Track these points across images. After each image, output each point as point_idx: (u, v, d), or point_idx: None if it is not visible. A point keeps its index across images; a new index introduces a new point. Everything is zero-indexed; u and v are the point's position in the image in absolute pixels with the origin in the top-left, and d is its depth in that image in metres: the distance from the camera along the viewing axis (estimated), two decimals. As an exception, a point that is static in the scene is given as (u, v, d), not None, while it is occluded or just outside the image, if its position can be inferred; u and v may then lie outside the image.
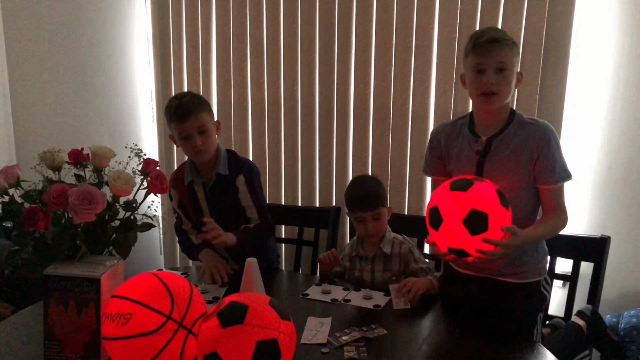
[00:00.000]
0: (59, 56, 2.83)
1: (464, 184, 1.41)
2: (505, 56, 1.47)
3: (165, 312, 1.10)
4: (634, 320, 1.87)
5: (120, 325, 1.09)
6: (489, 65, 1.47)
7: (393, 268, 1.83)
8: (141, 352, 1.10)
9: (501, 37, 1.48)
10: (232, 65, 2.66)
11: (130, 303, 1.12)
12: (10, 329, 1.47)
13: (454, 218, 1.37)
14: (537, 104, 2.14)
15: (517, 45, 1.54)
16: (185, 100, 1.75)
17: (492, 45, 1.47)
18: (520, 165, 1.51)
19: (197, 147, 1.76)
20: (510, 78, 1.48)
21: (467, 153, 1.58)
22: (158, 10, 2.77)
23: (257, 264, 1.46)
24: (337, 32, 2.44)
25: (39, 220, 1.27)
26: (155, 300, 1.11)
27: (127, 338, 1.09)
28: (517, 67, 1.53)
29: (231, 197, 1.89)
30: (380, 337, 1.39)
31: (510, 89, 1.50)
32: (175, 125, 1.77)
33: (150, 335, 1.09)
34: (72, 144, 1.52)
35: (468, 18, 2.20)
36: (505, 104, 1.53)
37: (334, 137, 2.53)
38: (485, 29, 1.55)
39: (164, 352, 1.10)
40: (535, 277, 1.59)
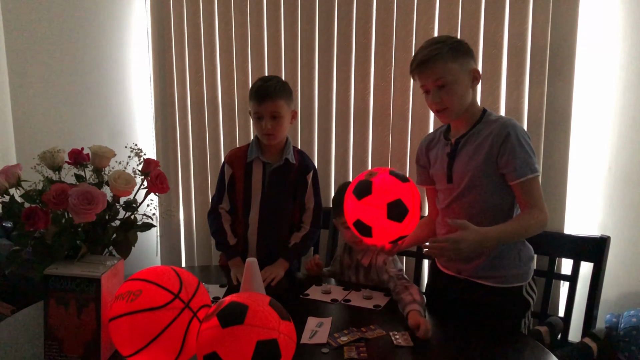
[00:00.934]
0: (59, 56, 2.83)
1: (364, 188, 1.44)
2: (439, 72, 1.45)
3: (174, 290, 1.15)
4: (634, 320, 1.87)
5: (129, 302, 1.13)
6: (430, 86, 1.49)
7: (373, 277, 1.81)
8: (147, 328, 1.12)
9: (430, 54, 1.45)
10: (235, 65, 2.66)
11: (141, 282, 1.16)
12: (10, 329, 1.47)
13: (378, 220, 1.42)
14: (545, 105, 2.14)
15: (459, 47, 1.48)
16: (268, 84, 1.83)
17: (423, 67, 1.47)
18: (482, 162, 1.49)
19: (266, 130, 1.82)
20: (454, 90, 1.46)
21: (441, 157, 1.60)
22: (158, 10, 2.77)
23: (257, 263, 1.46)
24: (337, 32, 2.44)
25: (39, 220, 1.27)
26: (165, 280, 1.16)
27: (134, 313, 1.12)
28: (466, 68, 1.48)
29: (290, 187, 1.92)
30: (379, 338, 1.39)
31: (459, 99, 1.48)
32: (252, 104, 1.84)
33: (158, 311, 1.12)
34: (72, 144, 1.52)
35: (468, 18, 2.20)
36: (469, 109, 1.52)
37: (333, 137, 2.53)
38: (419, 49, 1.51)
39: (169, 330, 1.12)
40: (515, 282, 1.55)
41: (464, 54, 1.49)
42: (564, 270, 1.90)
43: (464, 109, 1.51)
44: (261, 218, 1.92)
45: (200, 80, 2.74)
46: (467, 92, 1.50)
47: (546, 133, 2.16)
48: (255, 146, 1.92)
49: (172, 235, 2.94)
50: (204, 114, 2.77)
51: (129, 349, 1.14)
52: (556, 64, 2.11)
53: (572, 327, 1.87)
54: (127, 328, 1.14)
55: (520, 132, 1.48)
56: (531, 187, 1.46)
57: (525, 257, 1.58)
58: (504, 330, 1.46)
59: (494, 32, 2.17)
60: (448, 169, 1.56)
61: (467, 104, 1.51)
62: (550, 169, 2.18)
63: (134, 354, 1.14)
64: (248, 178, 1.92)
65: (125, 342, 1.15)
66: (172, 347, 1.14)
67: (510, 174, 1.46)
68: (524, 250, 1.58)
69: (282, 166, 1.90)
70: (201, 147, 2.80)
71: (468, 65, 1.49)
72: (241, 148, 1.99)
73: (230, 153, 1.99)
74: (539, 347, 1.37)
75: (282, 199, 1.93)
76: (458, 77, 1.46)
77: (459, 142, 1.54)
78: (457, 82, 1.46)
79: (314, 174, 1.96)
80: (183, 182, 2.88)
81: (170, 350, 1.14)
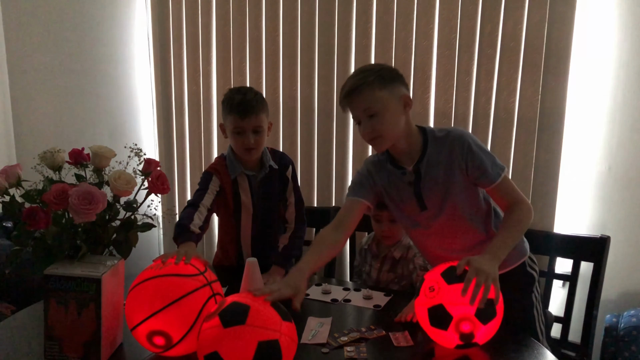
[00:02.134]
0: (59, 56, 2.83)
1: None
2: (367, 102, 1.40)
3: (201, 269, 1.29)
4: (634, 320, 1.87)
5: (159, 269, 1.26)
6: (360, 116, 1.43)
7: (398, 271, 1.88)
8: (171, 290, 1.20)
9: (357, 84, 1.41)
10: (232, 65, 2.66)
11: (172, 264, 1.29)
12: (10, 329, 1.47)
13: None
14: (539, 104, 2.15)
15: (386, 74, 1.42)
16: (248, 97, 1.76)
17: (351, 98, 1.43)
18: (455, 178, 1.46)
19: (249, 145, 1.76)
20: (385, 117, 1.40)
21: (401, 187, 1.52)
22: (158, 10, 2.77)
23: (257, 263, 1.46)
24: (337, 32, 2.44)
25: (39, 220, 1.27)
26: (193, 262, 1.31)
27: (163, 276, 1.24)
28: (395, 95, 1.42)
29: (278, 190, 1.91)
30: (379, 337, 1.39)
31: (391, 127, 1.42)
32: (233, 119, 1.76)
33: (184, 278, 1.24)
34: (72, 144, 1.53)
35: (468, 18, 2.20)
36: (407, 135, 1.46)
37: (333, 137, 2.53)
38: (346, 81, 1.46)
39: (190, 297, 1.20)
40: (516, 260, 1.54)
41: (392, 80, 1.43)
42: (564, 270, 1.90)
43: (397, 136, 1.46)
44: (254, 229, 1.90)
45: (200, 80, 2.74)
46: (400, 119, 1.44)
47: (539, 132, 2.17)
48: (233, 161, 1.84)
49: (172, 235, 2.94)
50: (201, 114, 2.77)
51: (147, 311, 1.20)
52: (551, 64, 2.11)
53: (572, 327, 1.87)
54: (152, 289, 1.22)
55: (473, 138, 1.46)
56: (506, 186, 1.46)
57: None
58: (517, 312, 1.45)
59: (490, 31, 2.17)
60: (417, 198, 1.50)
61: (400, 130, 1.45)
62: (542, 169, 2.19)
63: (152, 315, 1.19)
64: (236, 194, 1.87)
65: (145, 305, 1.20)
66: (188, 317, 1.20)
67: (484, 181, 1.44)
68: None
69: (267, 175, 1.87)
70: (200, 147, 2.80)
71: (398, 91, 1.43)
72: (219, 163, 1.88)
73: (214, 166, 1.89)
74: (539, 347, 1.37)
75: (273, 207, 1.91)
76: (388, 105, 1.41)
77: (419, 169, 1.48)
78: (388, 110, 1.41)
79: (292, 169, 1.93)
80: (183, 182, 2.87)
81: (185, 320, 1.19)
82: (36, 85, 2.84)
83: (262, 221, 1.90)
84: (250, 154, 1.80)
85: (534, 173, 2.20)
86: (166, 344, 1.22)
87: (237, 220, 1.90)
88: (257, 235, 1.92)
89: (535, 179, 2.21)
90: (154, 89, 2.87)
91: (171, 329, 1.20)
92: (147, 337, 1.22)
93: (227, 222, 1.94)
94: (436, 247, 1.57)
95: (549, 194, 2.19)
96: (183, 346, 1.23)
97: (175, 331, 1.20)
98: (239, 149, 1.80)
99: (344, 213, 1.57)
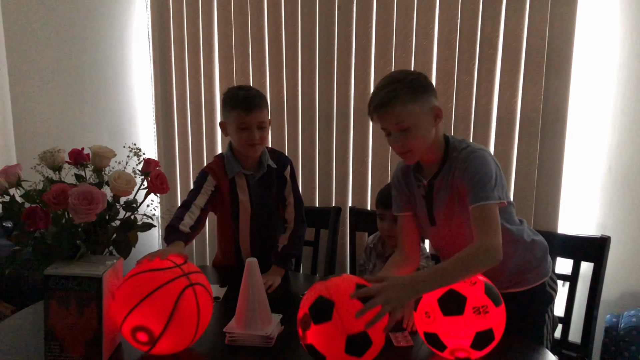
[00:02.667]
0: (59, 56, 2.83)
1: None
2: (398, 116, 1.35)
3: (178, 262, 1.33)
4: (634, 320, 1.87)
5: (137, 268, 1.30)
6: (392, 129, 1.39)
7: None
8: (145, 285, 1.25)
9: (388, 98, 1.35)
10: (234, 65, 2.66)
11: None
12: (10, 329, 1.47)
13: None
14: (542, 105, 2.14)
15: (416, 85, 1.38)
16: (252, 93, 1.78)
17: (382, 112, 1.38)
18: (457, 202, 1.42)
19: (254, 141, 1.77)
20: (417, 132, 1.37)
21: (418, 197, 1.51)
22: (158, 10, 2.77)
23: (257, 264, 1.46)
24: (337, 32, 2.44)
25: (39, 220, 1.27)
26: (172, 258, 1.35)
27: (138, 274, 1.28)
28: (426, 107, 1.38)
29: (276, 189, 1.91)
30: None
31: (422, 141, 1.39)
32: (238, 114, 1.75)
33: (157, 272, 1.28)
34: (72, 144, 1.52)
35: (468, 18, 2.20)
36: (434, 146, 1.43)
37: (334, 137, 2.53)
38: (375, 89, 1.41)
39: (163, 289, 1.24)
40: (537, 280, 1.53)
41: (423, 92, 1.39)
42: (564, 270, 1.90)
43: (426, 149, 1.42)
44: (253, 229, 1.90)
45: (199, 80, 2.74)
46: (430, 131, 1.40)
47: (542, 133, 2.16)
48: (231, 160, 1.84)
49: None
50: (201, 114, 2.77)
51: (126, 308, 1.24)
52: (553, 64, 2.11)
53: (572, 327, 1.87)
54: (129, 287, 1.27)
55: (484, 156, 1.38)
56: (482, 215, 1.33)
57: (539, 253, 1.53)
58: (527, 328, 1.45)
59: (491, 31, 2.17)
60: (428, 212, 1.50)
61: (429, 143, 1.41)
62: (544, 169, 2.18)
63: (130, 311, 1.23)
64: (234, 194, 1.87)
65: (124, 302, 1.25)
66: (164, 308, 1.22)
67: (468, 199, 1.36)
68: (537, 249, 1.53)
69: (265, 174, 1.87)
70: (200, 147, 2.80)
71: (429, 103, 1.39)
72: (216, 163, 1.88)
73: (210, 165, 1.89)
74: (540, 348, 1.37)
75: (271, 207, 1.92)
76: (419, 119, 1.37)
77: (432, 185, 1.46)
78: (419, 125, 1.37)
79: (291, 169, 1.93)
80: (183, 182, 2.87)
81: (161, 312, 1.22)
82: (36, 85, 2.84)
83: (261, 221, 1.90)
84: (255, 149, 1.80)
85: (537, 174, 2.19)
86: (149, 339, 1.23)
87: (235, 220, 1.90)
88: (255, 235, 1.91)
89: (538, 179, 2.19)
90: (153, 89, 2.87)
91: (149, 322, 1.23)
92: (131, 334, 1.25)
93: (225, 222, 1.93)
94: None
95: (552, 194, 2.18)
96: (167, 342, 1.24)
97: (154, 324, 1.22)
98: (243, 145, 1.79)
99: (399, 231, 1.59)
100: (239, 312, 1.39)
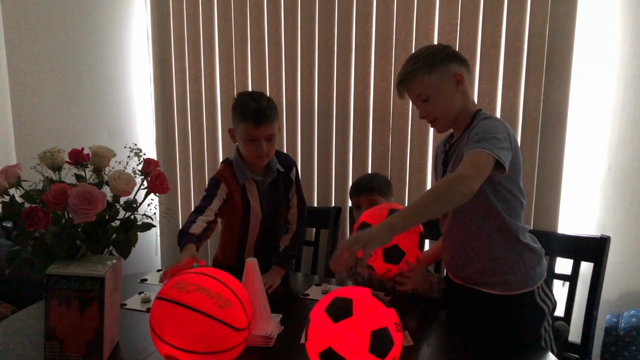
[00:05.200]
0: (59, 56, 2.83)
1: None
2: (419, 87, 1.45)
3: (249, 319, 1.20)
4: (634, 320, 1.87)
5: (217, 307, 1.12)
6: (415, 101, 1.50)
7: None
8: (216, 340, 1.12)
9: (406, 72, 1.46)
10: (234, 65, 2.66)
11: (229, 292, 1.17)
12: (10, 329, 1.47)
13: None
14: (542, 104, 2.14)
15: (433, 58, 1.44)
16: (263, 105, 1.73)
17: (403, 85, 1.48)
18: None
19: (262, 153, 1.75)
20: (438, 100, 1.45)
21: (440, 166, 1.59)
22: (158, 10, 2.77)
23: (257, 264, 1.46)
24: (337, 32, 2.44)
25: (39, 220, 1.27)
26: (245, 302, 1.19)
27: (215, 320, 1.11)
28: (445, 77, 1.44)
29: (283, 192, 1.92)
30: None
31: (445, 108, 1.46)
32: (246, 126, 1.73)
33: (234, 332, 1.14)
34: (72, 144, 1.52)
35: (468, 18, 2.20)
36: (463, 113, 1.48)
37: (333, 137, 2.53)
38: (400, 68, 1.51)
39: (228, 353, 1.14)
40: (522, 288, 1.48)
41: (440, 62, 1.45)
42: (564, 270, 1.90)
43: (455, 116, 1.48)
44: (260, 233, 1.90)
45: (200, 80, 2.75)
46: (453, 98, 1.46)
47: (542, 133, 2.16)
48: (241, 167, 1.82)
49: (171, 235, 2.94)
50: (202, 114, 2.77)
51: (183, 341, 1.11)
52: (553, 64, 2.11)
53: (572, 327, 1.87)
54: (200, 328, 1.11)
55: (492, 122, 1.38)
56: (472, 158, 1.29)
57: (530, 259, 1.50)
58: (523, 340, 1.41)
59: (492, 31, 2.17)
60: (443, 174, 1.55)
61: (457, 110, 1.48)
62: (545, 169, 2.18)
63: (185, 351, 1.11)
64: (245, 200, 1.85)
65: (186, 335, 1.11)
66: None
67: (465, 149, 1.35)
68: (528, 255, 1.50)
69: (275, 179, 1.87)
70: (200, 147, 2.80)
71: (447, 72, 1.45)
72: (226, 170, 1.85)
73: (221, 173, 1.85)
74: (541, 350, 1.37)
75: (279, 210, 1.92)
76: (438, 88, 1.44)
77: (450, 150, 1.52)
78: (439, 93, 1.45)
79: (296, 170, 1.94)
80: (183, 182, 2.87)
81: None
82: (36, 86, 2.84)
83: (269, 224, 1.90)
84: (262, 160, 1.80)
85: (538, 174, 2.20)
86: None
87: (245, 225, 1.89)
88: (261, 238, 1.92)
89: (538, 179, 2.20)
90: (153, 89, 2.87)
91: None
92: (165, 355, 1.16)
93: (232, 227, 1.92)
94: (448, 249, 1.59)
95: (553, 194, 2.19)
96: None
97: None
98: (250, 156, 1.78)
99: None
100: None
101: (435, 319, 1.57)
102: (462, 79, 1.46)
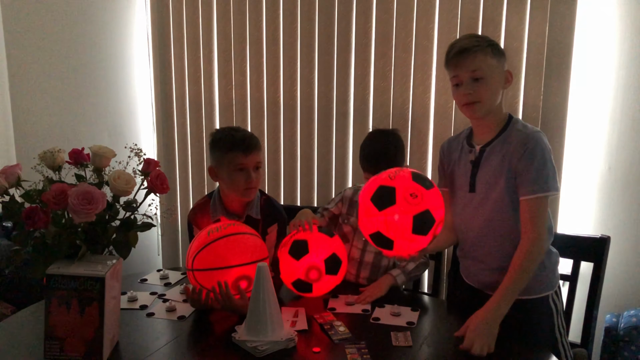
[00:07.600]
0: (59, 56, 2.83)
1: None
2: (478, 64, 1.42)
3: None
4: (634, 320, 1.87)
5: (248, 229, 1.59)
6: (464, 77, 1.45)
7: None
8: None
9: (471, 45, 1.43)
10: (233, 65, 2.66)
11: None
12: (10, 329, 1.47)
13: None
14: (541, 104, 2.14)
15: (497, 46, 1.48)
16: (248, 134, 1.74)
17: (463, 56, 1.43)
18: (503, 175, 1.45)
19: (251, 183, 1.71)
20: (489, 84, 1.44)
21: (464, 164, 1.56)
22: (158, 10, 2.77)
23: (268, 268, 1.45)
24: (337, 32, 2.44)
25: (39, 220, 1.27)
26: None
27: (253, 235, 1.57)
28: (501, 67, 1.47)
29: None
30: (379, 337, 1.39)
31: (492, 95, 1.45)
32: (235, 156, 1.69)
33: None
34: (72, 144, 1.52)
35: (468, 18, 2.20)
36: (496, 112, 1.49)
37: (333, 136, 2.53)
38: (457, 39, 1.50)
39: None
40: (542, 292, 1.50)
41: (501, 54, 1.48)
42: (564, 270, 1.90)
43: (492, 108, 1.48)
44: None
45: (199, 80, 2.74)
46: (499, 91, 1.47)
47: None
48: (217, 204, 1.78)
49: (172, 234, 2.95)
50: (201, 114, 2.77)
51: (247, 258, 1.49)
52: (553, 64, 2.11)
53: (572, 327, 1.86)
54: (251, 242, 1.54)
55: (543, 145, 1.42)
56: (535, 208, 1.40)
57: (551, 263, 1.51)
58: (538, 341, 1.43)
59: (492, 31, 2.17)
60: (471, 178, 1.52)
61: (496, 103, 1.48)
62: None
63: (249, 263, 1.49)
64: None
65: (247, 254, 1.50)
66: None
67: (520, 188, 1.42)
68: (550, 255, 1.51)
69: (247, 221, 1.75)
70: (199, 147, 2.80)
71: (503, 65, 1.48)
72: (204, 203, 1.83)
73: (193, 211, 1.84)
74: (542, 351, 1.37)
75: None
76: (494, 73, 1.45)
77: (484, 151, 1.50)
78: (493, 78, 1.45)
79: (280, 228, 1.79)
80: (182, 182, 2.88)
81: None
82: (36, 86, 2.84)
83: None
84: (250, 192, 1.74)
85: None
86: (247, 287, 1.47)
87: None
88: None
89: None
90: (153, 89, 2.87)
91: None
92: (235, 280, 1.47)
93: None
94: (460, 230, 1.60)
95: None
96: None
97: None
98: (239, 188, 1.71)
99: None
100: (249, 317, 1.37)
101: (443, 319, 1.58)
102: (511, 79, 1.50)
